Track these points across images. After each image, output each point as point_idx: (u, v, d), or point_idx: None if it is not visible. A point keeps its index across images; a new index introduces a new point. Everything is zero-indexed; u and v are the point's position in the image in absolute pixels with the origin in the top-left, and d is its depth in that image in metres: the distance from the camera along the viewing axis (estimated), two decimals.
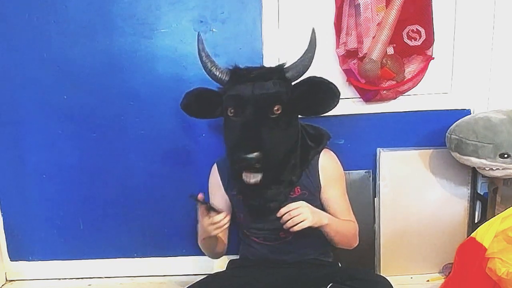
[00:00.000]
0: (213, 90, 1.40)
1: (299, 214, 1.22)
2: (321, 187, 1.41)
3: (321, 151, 1.44)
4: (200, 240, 1.43)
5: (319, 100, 1.33)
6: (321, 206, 1.43)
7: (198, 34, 1.37)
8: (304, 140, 1.42)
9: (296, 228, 1.22)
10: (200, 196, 1.26)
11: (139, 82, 1.66)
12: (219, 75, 1.34)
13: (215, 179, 1.51)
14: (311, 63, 1.35)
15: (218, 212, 1.23)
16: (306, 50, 1.35)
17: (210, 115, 1.43)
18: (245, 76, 1.30)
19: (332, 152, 1.48)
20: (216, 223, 1.22)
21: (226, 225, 1.25)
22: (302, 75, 1.35)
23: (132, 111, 1.68)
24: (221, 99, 1.35)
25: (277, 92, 1.28)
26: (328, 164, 1.43)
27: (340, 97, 1.45)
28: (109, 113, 1.69)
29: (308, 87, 1.33)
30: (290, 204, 1.24)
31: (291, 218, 1.22)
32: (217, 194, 1.50)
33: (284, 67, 1.34)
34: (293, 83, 1.35)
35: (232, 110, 1.30)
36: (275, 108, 1.28)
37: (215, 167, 1.52)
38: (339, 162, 1.47)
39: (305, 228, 1.24)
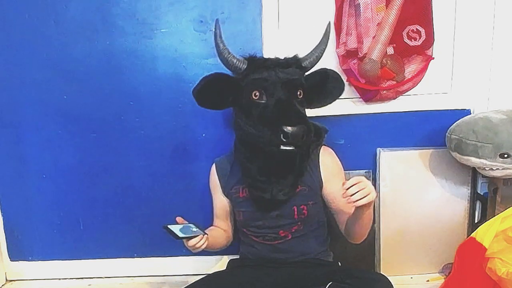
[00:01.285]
0: (230, 76, 1.36)
1: (365, 187, 1.15)
2: (322, 184, 1.41)
3: (321, 144, 1.45)
4: None
5: (328, 91, 1.39)
6: (322, 203, 1.43)
7: (216, 21, 1.34)
8: None
9: (363, 202, 1.15)
10: (179, 219, 1.30)
11: (139, 82, 1.66)
12: (237, 63, 1.32)
13: (213, 179, 1.52)
14: (323, 54, 1.39)
15: (192, 237, 1.27)
16: (320, 41, 1.39)
17: (221, 104, 1.39)
18: (263, 63, 1.32)
19: (330, 148, 1.49)
20: (192, 246, 1.27)
21: (203, 246, 1.28)
22: (315, 65, 1.39)
23: (132, 111, 1.68)
24: (236, 85, 1.34)
25: (298, 79, 1.32)
26: (327, 160, 1.44)
27: (340, 97, 1.46)
28: (109, 113, 1.69)
29: (321, 78, 1.38)
30: (355, 177, 1.17)
31: (359, 191, 1.14)
32: (216, 194, 1.51)
33: (298, 56, 1.37)
34: (305, 74, 1.38)
35: (257, 93, 1.30)
36: (298, 93, 1.32)
37: (213, 167, 1.53)
38: (338, 159, 1.48)
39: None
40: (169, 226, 1.26)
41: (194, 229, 1.28)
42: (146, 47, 1.63)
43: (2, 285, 1.82)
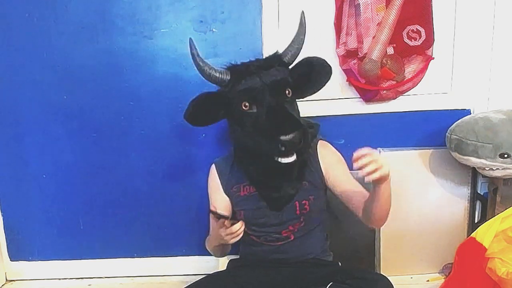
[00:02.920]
0: (215, 92, 1.37)
1: (378, 159, 1.09)
2: (323, 175, 1.40)
3: (316, 137, 1.45)
4: (212, 247, 1.46)
5: (316, 78, 1.36)
6: (323, 198, 1.43)
7: (190, 40, 1.34)
8: None
9: (375, 175, 1.09)
10: (214, 207, 1.30)
11: (139, 82, 1.66)
12: (220, 76, 1.32)
13: (214, 180, 1.51)
14: (302, 44, 1.37)
15: (235, 221, 1.25)
16: (297, 32, 1.36)
17: (214, 120, 1.40)
18: (246, 70, 1.31)
19: (327, 143, 1.48)
20: (234, 232, 1.24)
21: (242, 233, 1.26)
22: (297, 57, 1.37)
23: (132, 111, 1.68)
24: (224, 99, 1.34)
25: (283, 77, 1.31)
26: (326, 151, 1.44)
27: (340, 97, 1.45)
28: (109, 113, 1.69)
29: (307, 67, 1.35)
30: (364, 149, 1.11)
31: (372, 162, 1.08)
32: (217, 194, 1.50)
33: (278, 52, 1.35)
34: (290, 67, 1.36)
35: (246, 104, 1.30)
36: (287, 92, 1.31)
37: (213, 167, 1.52)
38: (335, 149, 1.47)
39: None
40: (215, 211, 1.26)
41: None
42: (146, 47, 1.63)
43: (2, 285, 1.82)
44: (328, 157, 1.43)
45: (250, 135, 1.31)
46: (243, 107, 1.30)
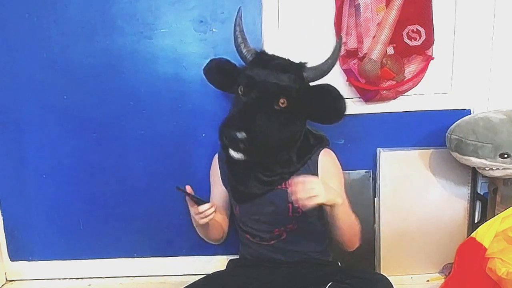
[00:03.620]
0: (235, 65, 1.43)
1: (313, 188, 1.15)
2: None
3: (322, 148, 1.45)
4: (195, 226, 1.49)
5: (325, 108, 1.34)
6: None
7: (239, 9, 1.42)
8: (306, 141, 1.43)
9: (307, 203, 1.14)
10: (188, 188, 1.30)
11: (139, 82, 1.66)
12: (245, 53, 1.38)
13: (214, 170, 1.53)
14: (330, 70, 1.37)
15: (203, 202, 1.28)
16: (329, 56, 1.37)
17: (228, 88, 1.46)
18: (266, 62, 1.33)
19: (332, 152, 1.48)
20: (202, 212, 1.27)
21: (211, 215, 1.29)
22: (319, 79, 1.36)
23: (132, 111, 1.68)
24: (237, 74, 1.38)
25: (288, 86, 1.29)
26: (326, 160, 1.44)
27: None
28: (109, 113, 1.68)
29: (319, 92, 1.34)
30: (302, 177, 1.17)
31: (304, 191, 1.14)
32: (216, 184, 1.52)
33: (305, 65, 1.36)
34: (310, 84, 1.36)
35: (242, 89, 1.33)
36: (281, 101, 1.29)
37: (215, 158, 1.54)
38: (338, 162, 1.48)
39: (314, 210, 1.23)
40: (180, 187, 1.28)
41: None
42: (146, 47, 1.63)
43: (2, 285, 1.82)
44: (327, 166, 1.43)
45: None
46: (239, 91, 1.33)
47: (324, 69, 1.35)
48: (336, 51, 1.38)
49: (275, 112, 1.29)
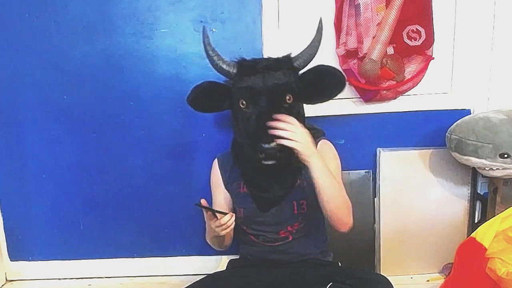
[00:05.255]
0: (220, 83, 1.39)
1: (295, 133, 1.20)
2: None
3: (320, 139, 1.46)
4: (210, 238, 1.46)
5: (325, 87, 1.34)
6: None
7: (203, 28, 1.35)
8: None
9: (283, 142, 1.19)
10: (203, 201, 1.27)
11: (139, 82, 1.66)
12: (227, 68, 1.33)
13: (216, 175, 1.51)
14: (317, 51, 1.36)
15: (223, 214, 1.25)
16: (313, 39, 1.36)
17: (218, 109, 1.42)
18: (253, 67, 1.30)
19: (330, 142, 1.48)
20: (223, 224, 1.24)
21: (233, 225, 1.27)
22: (309, 63, 1.36)
23: (132, 111, 1.68)
24: (229, 91, 1.35)
25: (288, 82, 1.29)
26: (324, 148, 1.44)
27: (340, 97, 1.45)
28: (109, 113, 1.69)
29: (316, 75, 1.34)
30: (292, 118, 1.22)
31: (287, 130, 1.19)
32: (218, 189, 1.51)
33: (290, 56, 1.34)
34: (300, 72, 1.35)
35: (244, 102, 1.30)
36: (287, 98, 1.29)
37: (215, 162, 1.52)
38: (335, 150, 1.47)
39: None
40: (198, 204, 1.26)
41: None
42: (146, 47, 1.63)
43: (2, 285, 1.82)
44: (326, 152, 1.43)
45: (240, 133, 1.34)
46: (241, 105, 1.31)
47: (311, 52, 1.35)
48: (319, 31, 1.36)
49: (286, 109, 1.29)
